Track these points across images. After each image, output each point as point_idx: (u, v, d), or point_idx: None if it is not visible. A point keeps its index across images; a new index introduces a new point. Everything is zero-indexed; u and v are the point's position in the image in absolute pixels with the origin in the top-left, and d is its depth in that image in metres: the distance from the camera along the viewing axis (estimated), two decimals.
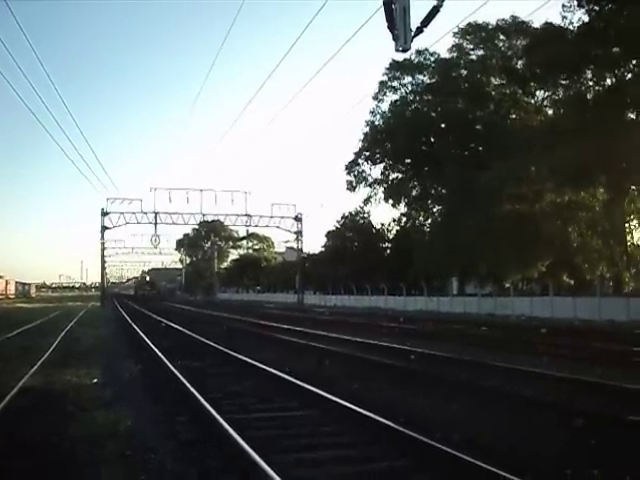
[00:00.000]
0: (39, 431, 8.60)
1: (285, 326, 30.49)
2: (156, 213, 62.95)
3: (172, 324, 32.09)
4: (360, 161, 65.04)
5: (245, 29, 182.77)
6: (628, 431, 8.12)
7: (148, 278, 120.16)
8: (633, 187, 44.79)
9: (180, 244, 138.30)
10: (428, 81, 59.92)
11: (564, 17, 47.21)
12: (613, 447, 7.53)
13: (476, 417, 9.42)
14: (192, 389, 11.00)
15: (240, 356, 16.63)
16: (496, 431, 8.41)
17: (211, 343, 20.86)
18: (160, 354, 16.92)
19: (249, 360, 15.66)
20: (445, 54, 59.11)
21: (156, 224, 63.82)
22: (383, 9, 10.57)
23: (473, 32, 56.89)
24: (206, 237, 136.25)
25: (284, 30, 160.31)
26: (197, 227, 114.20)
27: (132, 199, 62.64)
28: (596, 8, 42.88)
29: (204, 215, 66.64)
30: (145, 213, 62.72)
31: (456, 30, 55.35)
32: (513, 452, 7.33)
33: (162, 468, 6.89)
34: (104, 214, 63.09)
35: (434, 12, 10.57)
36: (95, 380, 13.51)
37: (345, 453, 7.40)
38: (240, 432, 7.74)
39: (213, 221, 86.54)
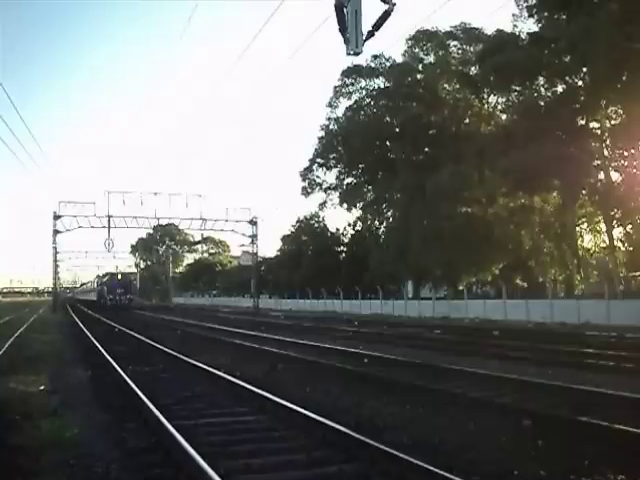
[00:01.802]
0: None
1: (239, 330, 30.35)
2: (109, 217, 61.99)
3: (125, 329, 31.65)
4: (314, 167, 65.30)
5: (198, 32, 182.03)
6: (576, 431, 8.21)
7: (120, 277, 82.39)
8: (584, 191, 45.58)
9: (134, 248, 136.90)
10: (383, 86, 60.28)
11: (515, 25, 48.11)
12: (560, 447, 7.61)
13: (427, 419, 9.46)
14: (142, 395, 10.82)
15: (192, 361, 16.46)
16: (446, 433, 8.45)
17: (164, 348, 20.61)
18: (111, 360, 16.64)
19: (201, 365, 15.50)
20: (400, 59, 59.64)
21: (109, 228, 62.90)
22: (335, 13, 10.53)
23: (424, 39, 57.40)
24: (161, 241, 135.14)
25: (241, 28, 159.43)
26: (151, 231, 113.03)
27: (85, 202, 61.57)
28: (546, 15, 43.67)
29: (158, 219, 65.90)
30: (99, 217, 61.76)
31: (408, 36, 56.01)
32: (462, 454, 7.36)
33: (107, 478, 6.74)
34: (56, 217, 61.90)
35: (385, 16, 10.54)
36: (42, 387, 13.22)
37: (294, 458, 7.33)
38: (188, 439, 7.62)
39: (168, 225, 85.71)
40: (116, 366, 15.24)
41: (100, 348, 20.47)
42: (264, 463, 7.12)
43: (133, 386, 11.90)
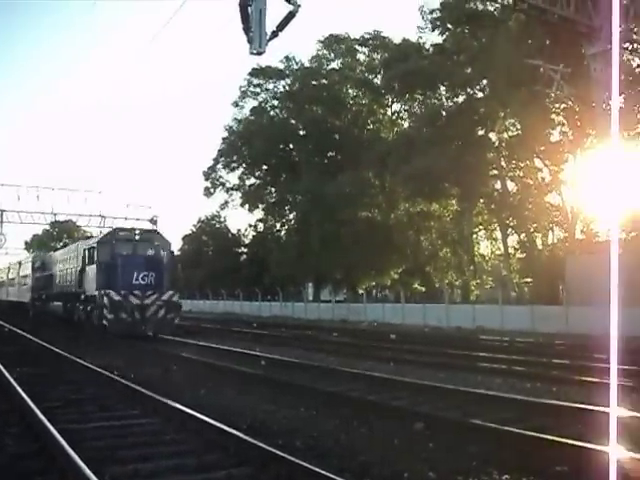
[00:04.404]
0: None
1: None
2: (2, 211, 59.60)
3: (15, 328, 30.37)
4: (218, 167, 64.88)
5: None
6: (466, 433, 8.36)
7: (139, 236, 28.18)
8: (481, 200, 46.89)
9: (29, 245, 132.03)
10: (289, 88, 60.46)
11: (420, 37, 49.19)
12: (450, 449, 7.74)
13: (320, 422, 9.44)
14: (27, 398, 10.37)
15: (85, 363, 15.93)
16: (339, 436, 8.46)
17: (55, 349, 19.88)
18: None
19: (94, 367, 15.02)
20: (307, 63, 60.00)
21: (2, 223, 60.43)
22: (239, 11, 10.44)
23: (333, 43, 57.99)
24: (58, 238, 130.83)
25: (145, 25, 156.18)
26: (48, 227, 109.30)
27: None
28: (449, 27, 44.79)
29: (55, 214, 63.76)
30: None
31: (318, 39, 56.56)
32: (354, 457, 7.37)
33: None
34: None
35: (289, 17, 10.58)
36: None
37: (184, 462, 7.17)
38: (74, 444, 7.34)
39: (65, 221, 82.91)
40: (1, 367, 14.59)
41: None
42: (154, 468, 6.93)
43: (18, 389, 11.40)
